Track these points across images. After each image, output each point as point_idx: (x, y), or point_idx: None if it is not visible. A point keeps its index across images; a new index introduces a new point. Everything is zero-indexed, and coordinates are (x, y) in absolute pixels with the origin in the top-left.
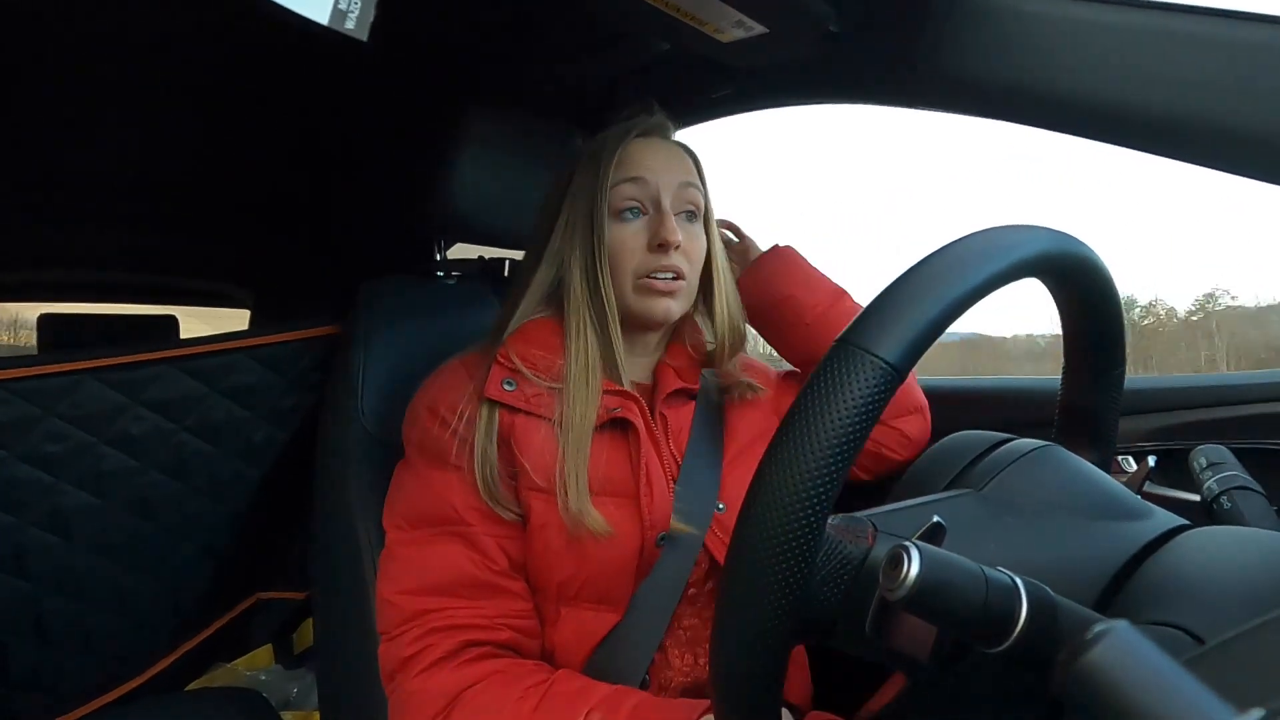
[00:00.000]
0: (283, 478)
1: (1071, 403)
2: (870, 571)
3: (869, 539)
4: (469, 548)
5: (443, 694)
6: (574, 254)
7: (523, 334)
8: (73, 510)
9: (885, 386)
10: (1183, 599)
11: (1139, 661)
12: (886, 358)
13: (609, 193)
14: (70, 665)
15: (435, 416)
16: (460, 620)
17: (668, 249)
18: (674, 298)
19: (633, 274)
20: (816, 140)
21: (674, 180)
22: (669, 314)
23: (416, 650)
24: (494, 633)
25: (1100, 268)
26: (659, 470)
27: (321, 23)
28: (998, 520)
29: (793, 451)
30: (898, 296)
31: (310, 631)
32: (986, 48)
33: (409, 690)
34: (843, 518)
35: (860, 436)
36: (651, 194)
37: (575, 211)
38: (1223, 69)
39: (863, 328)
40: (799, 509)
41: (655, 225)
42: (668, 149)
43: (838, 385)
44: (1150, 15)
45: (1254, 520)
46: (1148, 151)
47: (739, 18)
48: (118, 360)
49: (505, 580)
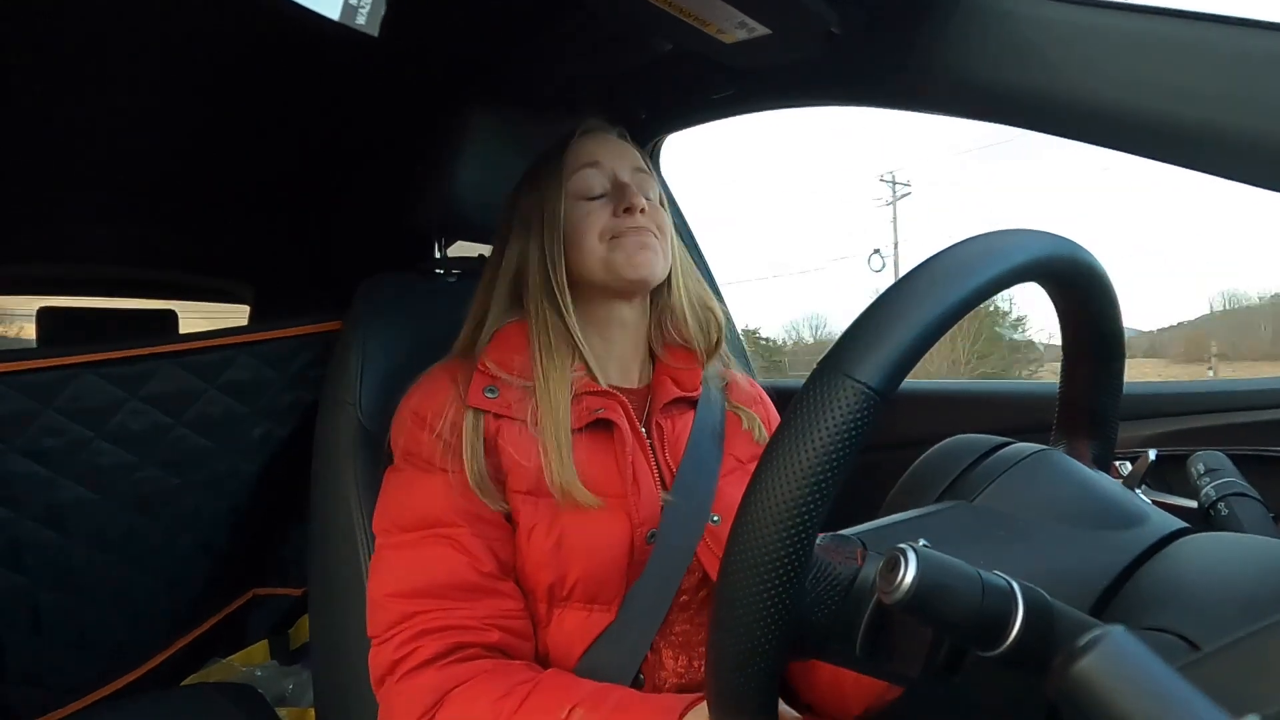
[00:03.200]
0: (280, 474)
1: (1071, 396)
2: (860, 591)
3: (858, 559)
4: (457, 550)
5: (429, 693)
6: (531, 242)
7: (497, 341)
8: (69, 504)
9: (868, 411)
10: (1179, 605)
11: (1134, 667)
12: (869, 382)
13: (568, 182)
14: (66, 659)
15: (421, 422)
16: (450, 621)
17: (634, 211)
18: (649, 250)
19: (599, 237)
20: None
21: (627, 165)
22: (649, 265)
23: (405, 653)
24: (483, 634)
25: (1091, 266)
26: (647, 471)
27: (333, 18)
28: (989, 533)
29: (775, 480)
30: (878, 318)
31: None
32: (988, 51)
33: (396, 691)
34: (831, 537)
35: (843, 462)
36: (609, 174)
37: (530, 204)
38: (1225, 76)
39: (844, 351)
40: (783, 536)
41: (617, 195)
42: (616, 141)
43: (819, 411)
44: (1153, 21)
45: (1251, 527)
46: (1148, 157)
47: (741, 19)
48: (116, 354)
49: (495, 582)
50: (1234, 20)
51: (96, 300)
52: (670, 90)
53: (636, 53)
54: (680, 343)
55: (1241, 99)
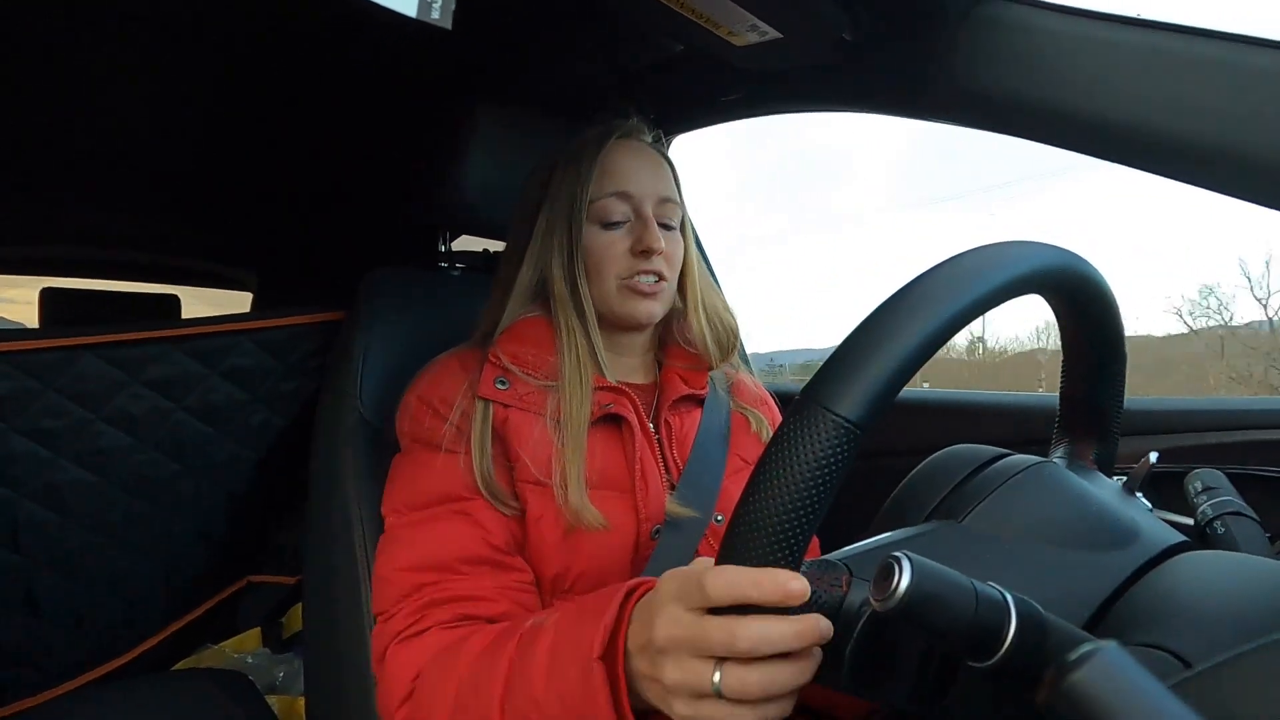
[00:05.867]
0: (278, 462)
1: (1072, 393)
2: (847, 617)
3: (843, 586)
4: (470, 524)
5: (424, 653)
6: (554, 257)
7: (513, 333)
8: (68, 486)
9: (847, 445)
10: (1172, 622)
11: (1126, 683)
12: (848, 416)
13: (592, 206)
14: (59, 641)
15: (428, 407)
16: (459, 592)
17: (650, 255)
18: (656, 299)
19: (615, 278)
20: None
21: (655, 193)
22: (651, 316)
23: (410, 622)
24: (492, 605)
25: (1083, 273)
26: (654, 466)
27: (410, 15)
28: (977, 556)
29: (754, 517)
30: (857, 347)
31: (299, 616)
32: (999, 63)
33: (394, 655)
34: (817, 563)
35: (823, 496)
36: (634, 205)
37: (555, 215)
38: (1238, 93)
39: (822, 382)
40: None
41: (639, 231)
42: (648, 157)
43: (797, 446)
44: (1166, 37)
45: (1247, 546)
46: (1158, 174)
47: (753, 21)
48: (118, 337)
49: (505, 556)
50: (1248, 38)
51: (101, 283)
52: (680, 91)
53: (647, 53)
54: (688, 346)
55: (1255, 117)
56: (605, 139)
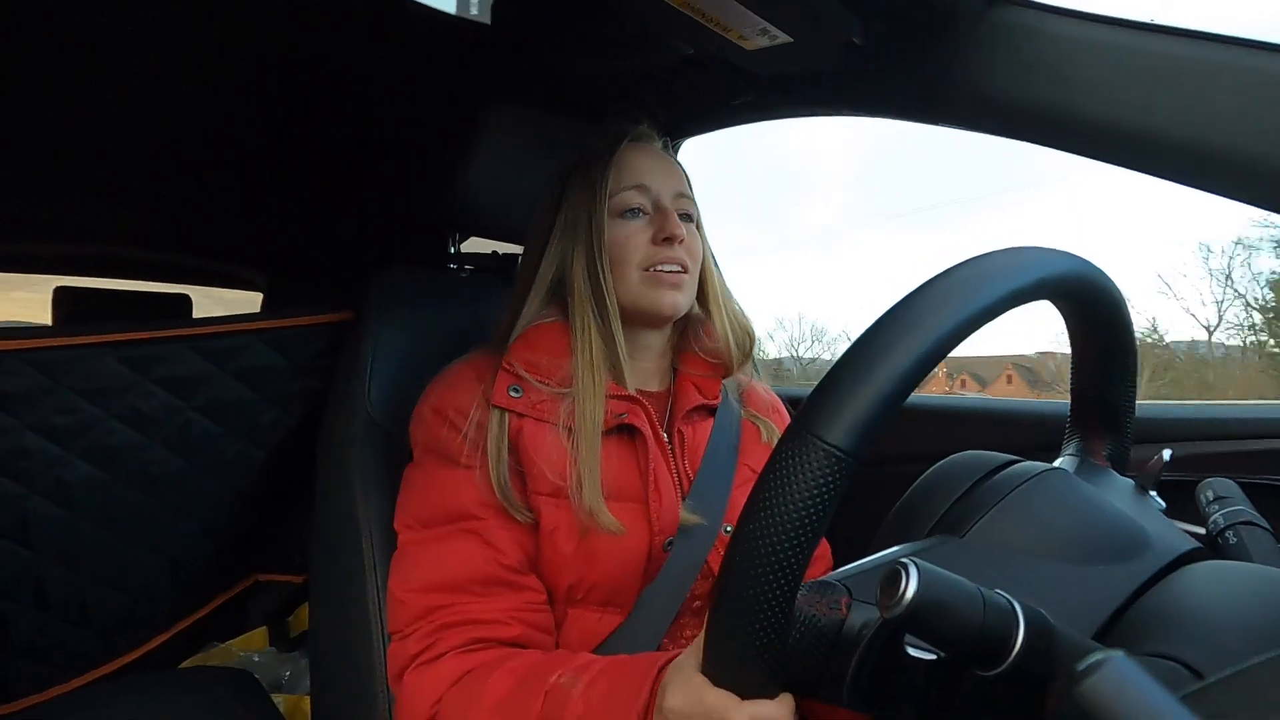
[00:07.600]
0: (286, 461)
1: (1083, 389)
2: (848, 639)
3: (843, 609)
4: (482, 544)
5: (444, 680)
6: (575, 251)
7: (527, 339)
8: (78, 482)
9: (840, 474)
10: (1183, 632)
11: (1135, 693)
12: (840, 445)
13: (612, 199)
14: (67, 636)
15: (443, 419)
16: (472, 615)
17: (673, 242)
18: (680, 290)
19: (638, 266)
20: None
21: (671, 189)
22: (676, 307)
23: (425, 645)
24: (505, 628)
25: (1083, 273)
26: (668, 477)
27: (449, 11)
28: (979, 573)
29: (749, 543)
30: (848, 372)
31: (306, 616)
32: (1010, 68)
33: (413, 680)
34: (815, 584)
35: (816, 525)
36: (652, 198)
37: (574, 211)
38: (1252, 100)
39: (814, 410)
40: (760, 595)
41: (660, 221)
42: (662, 159)
43: (789, 476)
44: (1178, 43)
45: (1259, 556)
46: (1168, 179)
47: (763, 25)
48: (130, 336)
49: (518, 576)
50: (1265, 44)
51: (113, 282)
52: (690, 94)
53: (657, 55)
54: (705, 355)
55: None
56: (618, 142)
